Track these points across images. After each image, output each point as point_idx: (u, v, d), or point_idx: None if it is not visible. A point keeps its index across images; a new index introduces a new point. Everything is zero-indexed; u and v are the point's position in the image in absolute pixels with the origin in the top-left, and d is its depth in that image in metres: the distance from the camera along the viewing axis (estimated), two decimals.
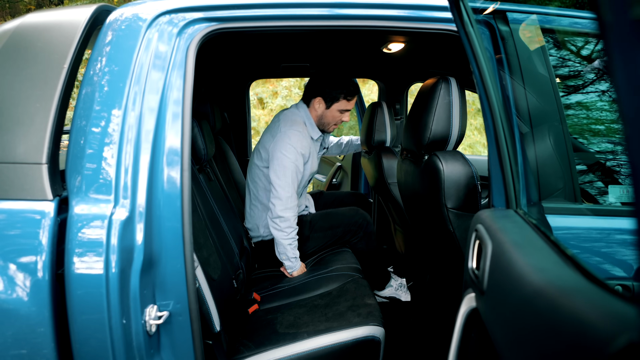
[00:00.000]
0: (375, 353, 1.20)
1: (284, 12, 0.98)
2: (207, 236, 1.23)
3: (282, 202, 1.59)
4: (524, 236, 0.60)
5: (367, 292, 1.40)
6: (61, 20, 0.93)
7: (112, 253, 0.80)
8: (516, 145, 0.76)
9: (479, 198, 1.12)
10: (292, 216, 1.60)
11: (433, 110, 1.17)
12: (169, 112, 0.90)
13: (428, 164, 1.18)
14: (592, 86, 1.14)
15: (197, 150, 1.50)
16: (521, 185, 0.74)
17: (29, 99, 0.86)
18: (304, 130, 1.69)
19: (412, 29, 1.02)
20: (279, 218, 1.59)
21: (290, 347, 1.15)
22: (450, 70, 2.05)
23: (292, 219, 1.60)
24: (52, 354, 0.80)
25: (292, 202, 1.60)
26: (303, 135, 1.67)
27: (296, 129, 1.66)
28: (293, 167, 1.61)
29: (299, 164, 1.64)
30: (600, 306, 0.37)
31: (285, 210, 1.58)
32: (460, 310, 0.71)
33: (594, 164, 1.17)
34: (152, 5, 0.95)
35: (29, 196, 0.83)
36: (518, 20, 1.01)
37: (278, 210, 1.58)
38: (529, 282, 0.48)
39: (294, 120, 1.70)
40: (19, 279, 0.80)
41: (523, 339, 0.47)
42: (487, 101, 0.75)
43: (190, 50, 0.93)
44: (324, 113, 1.75)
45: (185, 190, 0.89)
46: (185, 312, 0.89)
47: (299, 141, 1.64)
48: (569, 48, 1.16)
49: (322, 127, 1.80)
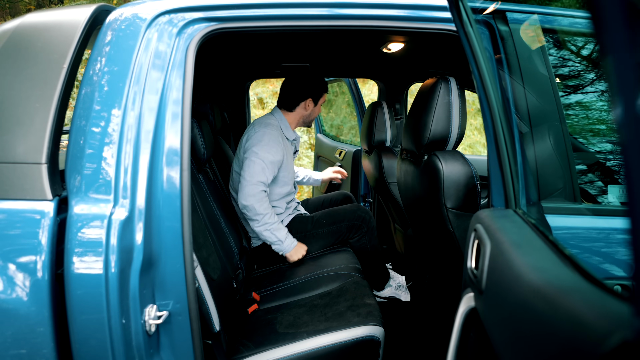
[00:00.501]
0: (375, 353, 1.20)
1: (283, 12, 0.98)
2: (207, 236, 1.23)
3: (242, 190, 1.61)
4: (523, 236, 0.60)
5: (366, 292, 1.40)
6: (61, 20, 0.93)
7: (112, 253, 0.80)
8: (515, 145, 0.76)
9: (479, 198, 1.12)
10: (255, 203, 1.60)
11: (433, 110, 1.17)
12: (169, 112, 0.91)
13: (428, 163, 1.18)
14: (592, 86, 1.14)
15: (197, 150, 1.50)
16: (520, 185, 0.74)
17: (29, 99, 0.87)
18: (278, 131, 1.76)
19: (412, 29, 1.02)
20: (244, 208, 1.61)
21: (290, 347, 1.15)
22: (450, 70, 2.05)
23: (256, 206, 1.61)
24: (52, 353, 0.80)
25: (254, 189, 1.61)
26: (277, 134, 1.74)
27: (270, 129, 1.72)
28: (260, 161, 1.65)
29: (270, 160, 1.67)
30: (597, 305, 0.37)
31: (247, 197, 1.60)
32: (459, 309, 0.71)
33: (594, 164, 1.17)
34: (152, 5, 0.95)
35: (29, 196, 0.84)
36: (518, 20, 1.01)
37: (240, 199, 1.61)
38: (527, 281, 0.48)
39: (268, 123, 1.77)
40: (19, 279, 0.80)
41: (521, 338, 0.47)
42: (486, 101, 0.75)
43: (189, 50, 0.93)
44: (312, 111, 1.87)
45: (185, 190, 0.89)
46: (184, 312, 0.89)
47: (272, 139, 1.70)
48: (569, 48, 1.16)
49: (306, 123, 1.92)
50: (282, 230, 1.67)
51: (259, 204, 1.61)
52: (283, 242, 1.67)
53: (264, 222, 1.63)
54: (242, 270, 1.52)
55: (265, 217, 1.63)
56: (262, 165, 1.64)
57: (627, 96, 0.25)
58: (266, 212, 1.63)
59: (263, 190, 1.64)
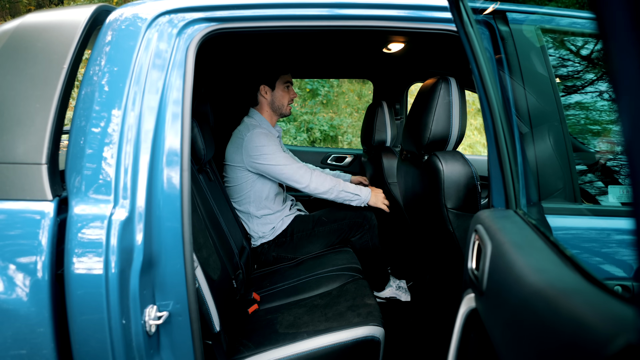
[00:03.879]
0: (375, 353, 1.20)
1: (283, 12, 0.97)
2: (207, 236, 1.23)
3: (299, 182, 1.65)
4: (524, 237, 0.60)
5: (367, 292, 1.40)
6: (61, 20, 0.93)
7: (112, 253, 0.80)
8: (516, 146, 0.76)
9: (479, 198, 1.12)
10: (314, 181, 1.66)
11: (433, 111, 1.17)
12: (169, 112, 0.90)
13: (428, 164, 1.17)
14: (592, 86, 1.14)
15: (197, 151, 1.50)
16: (521, 185, 0.74)
17: (29, 99, 0.86)
18: (265, 129, 1.76)
19: (412, 29, 1.02)
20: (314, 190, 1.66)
21: (290, 347, 1.15)
22: (450, 70, 2.05)
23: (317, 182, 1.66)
24: (52, 354, 0.80)
25: (299, 174, 1.65)
26: (267, 132, 1.74)
27: (258, 129, 1.73)
28: (277, 148, 1.68)
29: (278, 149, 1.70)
30: (599, 307, 0.37)
31: (303, 181, 1.65)
32: (459, 310, 0.71)
33: (594, 164, 1.17)
34: (152, 5, 0.95)
35: (29, 196, 0.84)
36: (518, 20, 1.01)
37: (303, 189, 1.65)
38: (528, 282, 0.48)
39: (252, 124, 1.77)
40: (19, 279, 0.80)
41: (522, 339, 0.47)
42: (486, 101, 0.75)
43: (190, 51, 0.93)
44: (273, 97, 1.81)
45: (185, 191, 0.89)
46: (185, 312, 0.89)
47: (265, 136, 1.70)
48: (568, 48, 1.15)
49: (279, 112, 1.85)
50: (350, 186, 1.72)
51: (317, 179, 1.66)
52: (361, 195, 1.72)
53: (332, 189, 1.68)
54: (242, 270, 1.52)
55: (330, 184, 1.68)
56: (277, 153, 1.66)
57: (632, 95, 0.25)
58: (327, 179, 1.69)
59: (301, 164, 1.68)
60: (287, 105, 1.84)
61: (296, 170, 1.66)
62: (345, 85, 6.50)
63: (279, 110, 1.84)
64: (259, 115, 1.83)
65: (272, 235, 1.81)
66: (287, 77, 1.81)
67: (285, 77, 1.81)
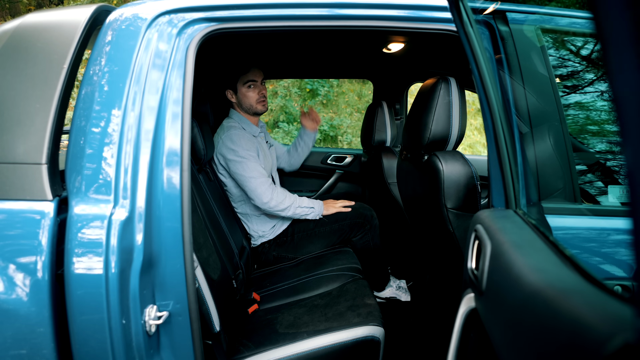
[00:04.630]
0: (375, 353, 1.20)
1: (283, 12, 0.97)
2: (207, 236, 1.23)
3: (254, 192, 1.65)
4: (523, 237, 0.60)
5: (367, 292, 1.40)
6: (61, 20, 0.93)
7: (112, 253, 0.80)
8: (516, 146, 0.76)
9: (479, 198, 1.12)
10: (273, 196, 1.65)
11: (433, 110, 1.17)
12: (169, 112, 0.90)
13: (428, 164, 1.18)
14: (592, 86, 1.14)
15: (197, 151, 1.50)
16: (521, 185, 0.74)
17: (29, 99, 0.87)
18: (241, 130, 1.76)
19: (412, 29, 1.02)
20: (266, 205, 1.65)
21: (290, 347, 1.15)
22: (450, 70, 2.05)
23: (275, 197, 1.65)
24: (52, 354, 0.80)
25: (262, 185, 1.65)
26: (242, 132, 1.74)
27: (232, 131, 1.72)
28: (249, 154, 1.67)
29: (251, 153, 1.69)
30: (598, 307, 0.37)
31: (262, 195, 1.64)
32: (459, 310, 0.71)
33: (594, 164, 1.17)
34: (152, 5, 0.95)
35: (29, 196, 0.84)
36: (518, 20, 1.01)
37: (257, 202, 1.65)
38: (528, 282, 0.48)
39: (229, 126, 1.77)
40: (19, 279, 0.80)
41: (521, 339, 0.47)
42: (486, 101, 0.75)
43: (189, 51, 0.93)
44: (240, 99, 1.80)
45: (185, 191, 0.89)
46: (185, 312, 0.89)
47: (239, 137, 1.70)
48: (568, 48, 1.15)
49: (251, 111, 1.82)
50: (304, 200, 1.75)
51: (276, 194, 1.66)
52: (315, 207, 1.75)
53: (290, 207, 1.69)
54: (242, 270, 1.52)
55: (289, 201, 1.69)
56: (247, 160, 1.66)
57: (630, 92, 0.25)
58: (287, 196, 1.69)
59: (267, 179, 1.67)
60: (257, 103, 1.79)
61: (258, 186, 1.64)
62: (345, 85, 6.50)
63: (251, 109, 1.80)
64: (238, 115, 1.83)
65: (273, 235, 1.82)
66: (247, 77, 1.77)
67: (245, 76, 1.77)
